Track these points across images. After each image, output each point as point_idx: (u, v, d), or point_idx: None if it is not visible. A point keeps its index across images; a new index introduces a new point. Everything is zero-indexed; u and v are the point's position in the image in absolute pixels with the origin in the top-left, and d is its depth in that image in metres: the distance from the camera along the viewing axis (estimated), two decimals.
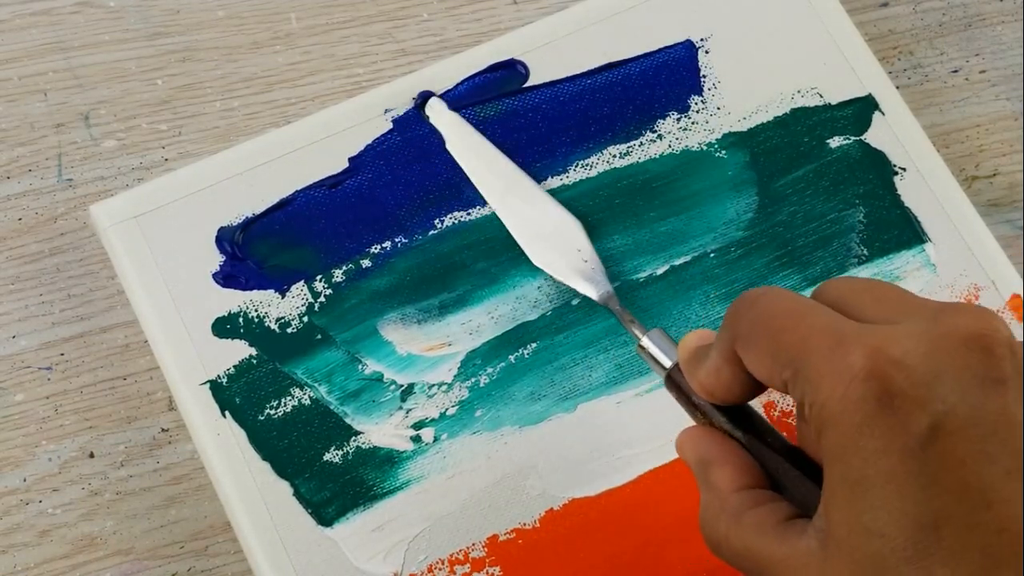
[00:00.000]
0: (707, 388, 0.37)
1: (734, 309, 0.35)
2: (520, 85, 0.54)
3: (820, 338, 0.32)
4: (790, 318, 0.33)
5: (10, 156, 0.55)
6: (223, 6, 0.59)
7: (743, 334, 0.34)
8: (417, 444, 0.49)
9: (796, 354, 0.32)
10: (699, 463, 0.37)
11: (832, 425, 0.31)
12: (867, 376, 0.30)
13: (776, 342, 0.33)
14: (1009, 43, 0.63)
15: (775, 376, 0.33)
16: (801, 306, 0.34)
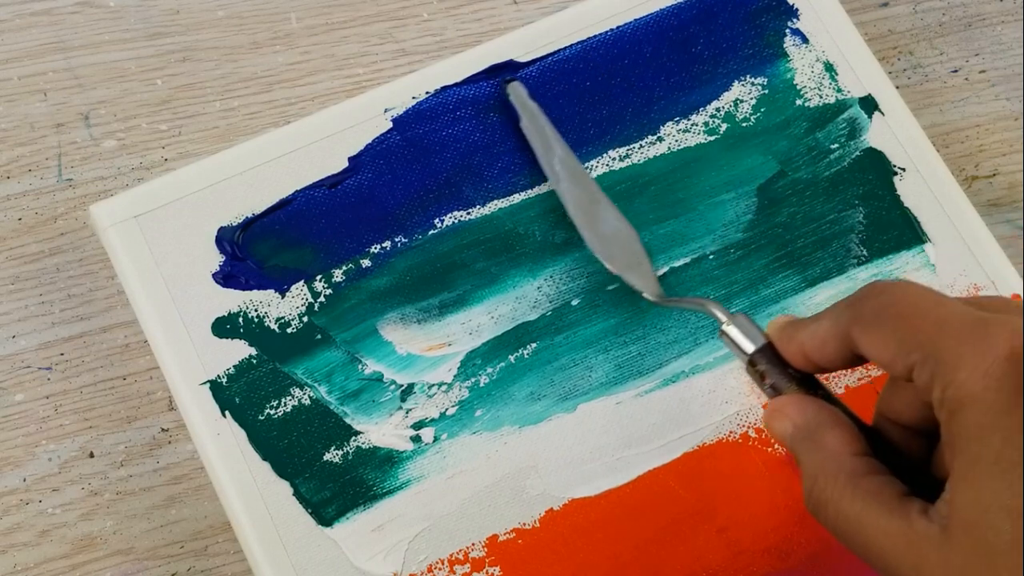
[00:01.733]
0: (807, 351, 0.37)
1: (861, 293, 0.36)
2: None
3: (960, 322, 0.32)
4: (925, 304, 0.34)
5: (10, 156, 0.55)
6: (223, 6, 0.59)
7: (867, 317, 0.35)
8: (417, 444, 0.49)
9: (930, 337, 0.33)
10: (806, 427, 0.37)
11: (971, 405, 0.31)
12: (1011, 357, 0.31)
13: (908, 325, 0.34)
14: (1009, 43, 0.63)
15: (898, 360, 0.34)
16: (934, 295, 0.34)
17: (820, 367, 0.38)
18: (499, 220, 0.52)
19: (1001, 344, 0.31)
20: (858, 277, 0.53)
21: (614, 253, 0.49)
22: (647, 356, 0.51)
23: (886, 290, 0.35)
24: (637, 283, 0.49)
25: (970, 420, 0.31)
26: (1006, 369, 0.31)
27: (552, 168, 0.51)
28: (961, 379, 0.32)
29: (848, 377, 0.51)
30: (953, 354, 0.32)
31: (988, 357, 0.31)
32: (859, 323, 0.35)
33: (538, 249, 0.52)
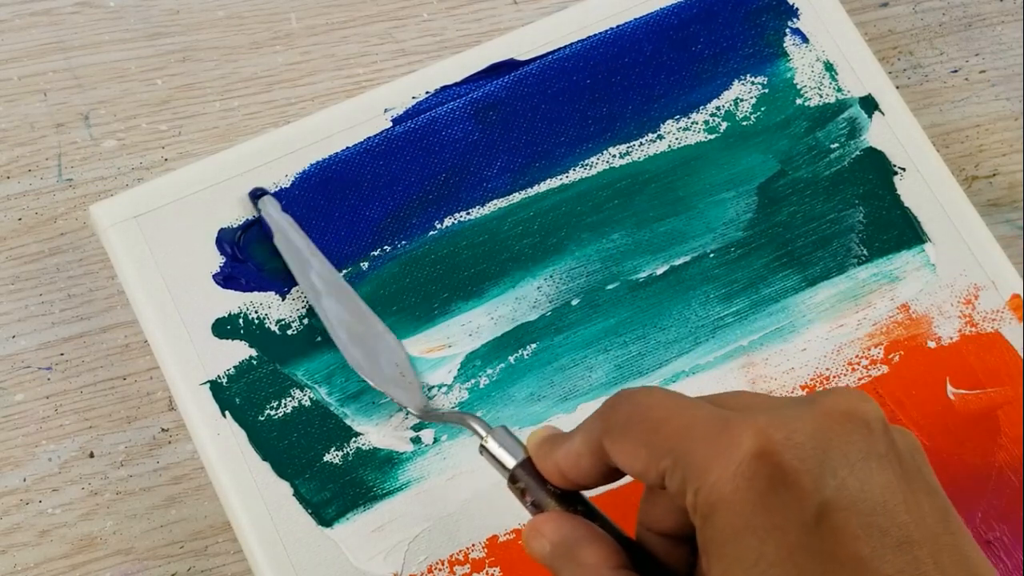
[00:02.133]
0: (563, 470, 0.36)
1: (608, 404, 0.35)
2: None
3: (705, 424, 0.32)
4: (670, 409, 0.33)
5: (10, 156, 0.55)
6: (223, 6, 0.59)
7: (617, 426, 0.34)
8: (417, 445, 0.49)
9: (677, 442, 0.32)
10: (564, 544, 0.36)
11: (723, 507, 0.31)
12: (758, 455, 0.31)
13: (655, 433, 0.33)
14: (1009, 43, 0.63)
15: (650, 468, 0.33)
16: (680, 399, 0.34)
17: (579, 484, 0.37)
18: (499, 220, 0.52)
19: (746, 443, 0.31)
20: (858, 276, 0.53)
21: (378, 367, 0.48)
22: (647, 356, 0.51)
23: (631, 398, 0.35)
24: (401, 398, 0.48)
25: (724, 522, 0.31)
26: (754, 468, 0.30)
27: (310, 284, 0.49)
28: (711, 482, 0.31)
29: (848, 377, 0.51)
30: (701, 457, 0.31)
31: (735, 457, 0.31)
32: (609, 435, 0.35)
33: (538, 249, 0.51)
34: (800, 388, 0.51)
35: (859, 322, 0.52)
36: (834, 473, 0.30)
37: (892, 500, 0.30)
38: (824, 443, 0.31)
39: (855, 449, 0.31)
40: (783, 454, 0.31)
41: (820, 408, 0.32)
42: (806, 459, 0.31)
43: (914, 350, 0.52)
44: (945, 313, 0.53)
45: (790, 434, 0.31)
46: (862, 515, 0.30)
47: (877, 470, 0.31)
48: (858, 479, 0.30)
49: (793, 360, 0.51)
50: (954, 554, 0.31)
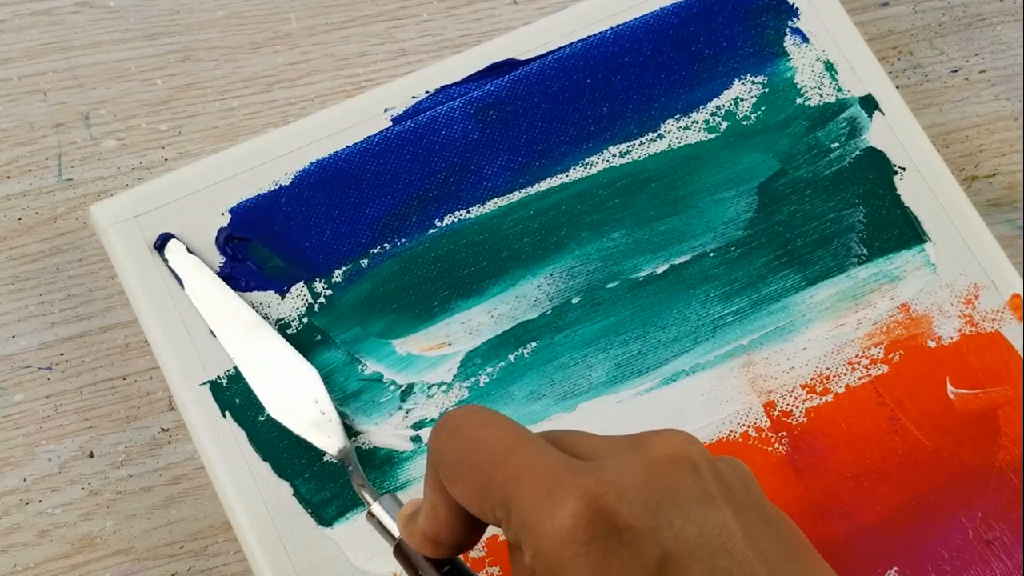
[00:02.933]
0: (428, 534, 0.35)
1: (435, 436, 0.34)
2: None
3: (532, 479, 0.31)
4: (498, 452, 0.32)
5: (10, 156, 0.55)
6: (223, 6, 0.59)
7: (448, 466, 0.33)
8: (417, 444, 0.49)
9: (508, 495, 0.31)
10: None
11: (561, 571, 0.30)
12: (591, 517, 0.30)
13: (486, 478, 0.32)
14: (1009, 43, 0.63)
15: (487, 512, 0.32)
16: (507, 436, 0.33)
17: (453, 543, 0.35)
18: (499, 218, 0.52)
19: (578, 506, 0.30)
20: (858, 276, 0.53)
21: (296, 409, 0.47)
22: (647, 355, 0.51)
23: (459, 432, 0.33)
24: (318, 441, 0.47)
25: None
26: (589, 532, 0.30)
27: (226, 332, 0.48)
28: (546, 547, 0.30)
29: (848, 376, 0.51)
30: (533, 518, 0.30)
31: (568, 521, 0.30)
32: (445, 478, 0.33)
33: (538, 247, 0.51)
34: (800, 387, 0.51)
35: (859, 321, 0.52)
36: (670, 523, 0.30)
37: (731, 539, 0.30)
38: (655, 493, 0.30)
39: (687, 495, 0.30)
40: (616, 513, 0.30)
41: (646, 457, 0.31)
42: (639, 514, 0.30)
43: (914, 350, 0.52)
44: (945, 313, 0.52)
45: (621, 491, 0.30)
46: (704, 559, 0.30)
47: (711, 511, 0.30)
48: (694, 524, 0.30)
49: (793, 359, 0.51)
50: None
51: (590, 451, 0.32)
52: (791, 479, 0.49)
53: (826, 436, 0.50)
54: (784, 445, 0.50)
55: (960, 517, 0.50)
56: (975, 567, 0.49)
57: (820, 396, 0.51)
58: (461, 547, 0.36)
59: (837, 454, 0.50)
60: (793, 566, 0.31)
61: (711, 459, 0.32)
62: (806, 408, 0.50)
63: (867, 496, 0.50)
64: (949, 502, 0.50)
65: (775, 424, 0.50)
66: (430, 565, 0.37)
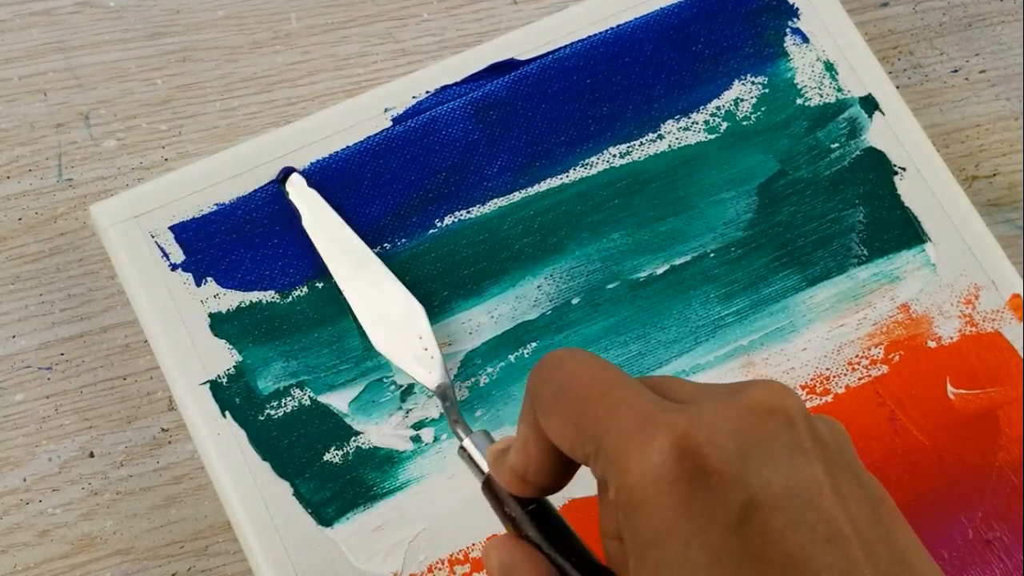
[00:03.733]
0: (517, 471, 0.36)
1: (536, 371, 0.34)
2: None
3: (625, 415, 0.31)
4: (594, 388, 0.32)
5: (10, 156, 0.55)
6: (223, 6, 0.59)
7: (545, 400, 0.33)
8: (417, 444, 0.49)
9: (600, 430, 0.31)
10: (502, 570, 0.37)
11: (645, 509, 0.30)
12: (678, 456, 0.30)
13: (579, 412, 0.32)
14: (1009, 43, 0.63)
15: (578, 448, 0.32)
16: (607, 375, 0.33)
17: (540, 484, 0.36)
18: (499, 219, 0.52)
19: (667, 444, 0.30)
20: (858, 276, 0.53)
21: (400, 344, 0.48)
22: (647, 355, 0.51)
23: (560, 367, 0.34)
24: (420, 376, 0.48)
25: (646, 525, 0.30)
26: (675, 470, 0.29)
27: (338, 265, 0.50)
28: (632, 482, 0.30)
29: (848, 377, 0.51)
30: (621, 453, 0.30)
31: (654, 458, 0.30)
32: (541, 411, 0.34)
33: (538, 248, 0.51)
34: (800, 388, 0.51)
35: (859, 322, 0.52)
36: (758, 472, 0.30)
37: (819, 495, 0.30)
38: (746, 441, 0.30)
39: (778, 445, 0.30)
40: (705, 455, 0.30)
41: (742, 404, 0.31)
42: (728, 459, 0.30)
43: (914, 350, 0.52)
44: (945, 313, 0.53)
45: (711, 434, 0.30)
46: (788, 512, 0.29)
47: (802, 465, 0.30)
48: (783, 476, 0.30)
49: (793, 360, 0.51)
50: (887, 545, 0.30)
51: (686, 395, 0.33)
52: None
53: None
54: None
55: (960, 517, 0.50)
56: (975, 567, 0.49)
57: (820, 396, 0.51)
58: (549, 487, 0.36)
59: None
60: (880, 530, 0.30)
61: (808, 414, 0.32)
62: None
63: None
64: (949, 502, 0.50)
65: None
66: (516, 502, 0.38)
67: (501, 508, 0.38)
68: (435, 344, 0.49)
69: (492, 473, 0.38)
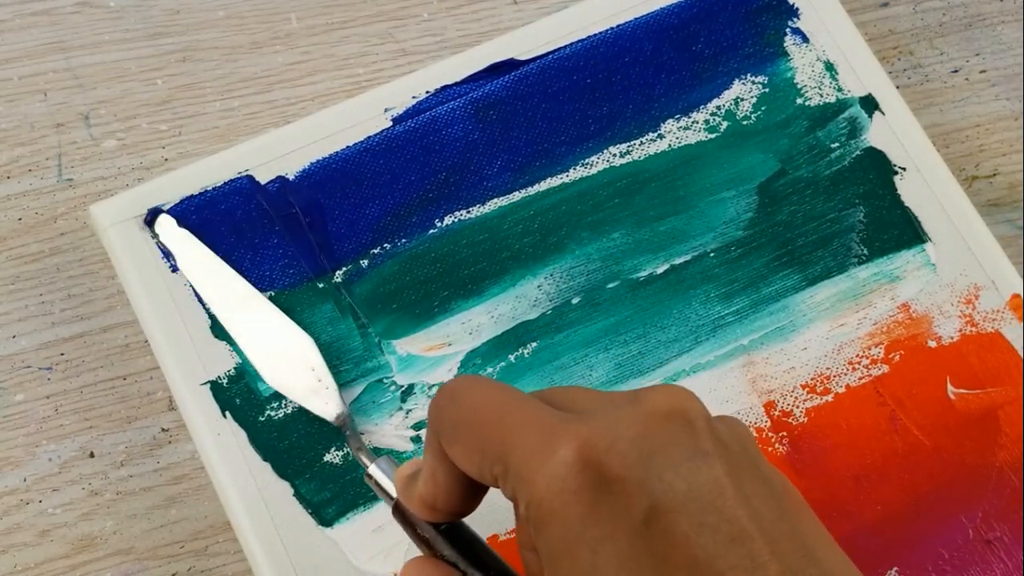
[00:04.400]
0: (427, 500, 0.36)
1: (435, 403, 0.35)
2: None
3: (527, 432, 0.31)
4: (494, 411, 0.33)
5: (10, 156, 0.55)
6: (223, 6, 0.59)
7: (447, 429, 0.34)
8: (417, 444, 0.49)
9: (504, 449, 0.32)
10: None
11: (553, 520, 0.30)
12: (582, 466, 0.30)
13: (481, 436, 0.32)
14: (1009, 43, 0.63)
15: (485, 471, 0.33)
16: (503, 397, 0.33)
17: (450, 510, 0.36)
18: (499, 219, 0.52)
19: (569, 454, 0.30)
20: (859, 276, 0.53)
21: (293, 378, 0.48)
22: (647, 355, 0.51)
23: (456, 398, 0.34)
24: (317, 408, 0.48)
25: (555, 536, 0.30)
26: (579, 480, 0.30)
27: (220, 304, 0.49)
28: (539, 496, 0.30)
29: (848, 376, 0.51)
30: (525, 468, 0.31)
31: (558, 471, 0.30)
32: (444, 436, 0.34)
33: (538, 248, 0.51)
34: (800, 387, 0.51)
35: (859, 321, 0.52)
36: (660, 476, 0.30)
37: (721, 496, 0.30)
38: (648, 447, 0.30)
39: (679, 449, 0.30)
40: (606, 463, 0.30)
41: (642, 410, 0.31)
42: (630, 465, 0.30)
43: (914, 350, 0.52)
44: (945, 313, 0.53)
45: (612, 441, 0.30)
46: (692, 515, 0.29)
47: (703, 467, 0.30)
48: (684, 480, 0.30)
49: (794, 359, 0.51)
50: (792, 540, 0.30)
51: (586, 405, 0.33)
52: (791, 479, 0.49)
53: (826, 436, 0.50)
54: (784, 445, 0.50)
55: (960, 517, 0.50)
56: (975, 567, 0.49)
57: (820, 396, 0.51)
58: (458, 513, 0.36)
59: (837, 454, 0.50)
60: (785, 525, 0.30)
61: (708, 416, 0.32)
62: (806, 408, 0.50)
63: (867, 496, 0.50)
64: (949, 502, 0.50)
65: (775, 424, 0.50)
66: (428, 524, 0.38)
67: (414, 531, 0.38)
68: (328, 374, 0.48)
69: (401, 500, 0.38)
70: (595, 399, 0.33)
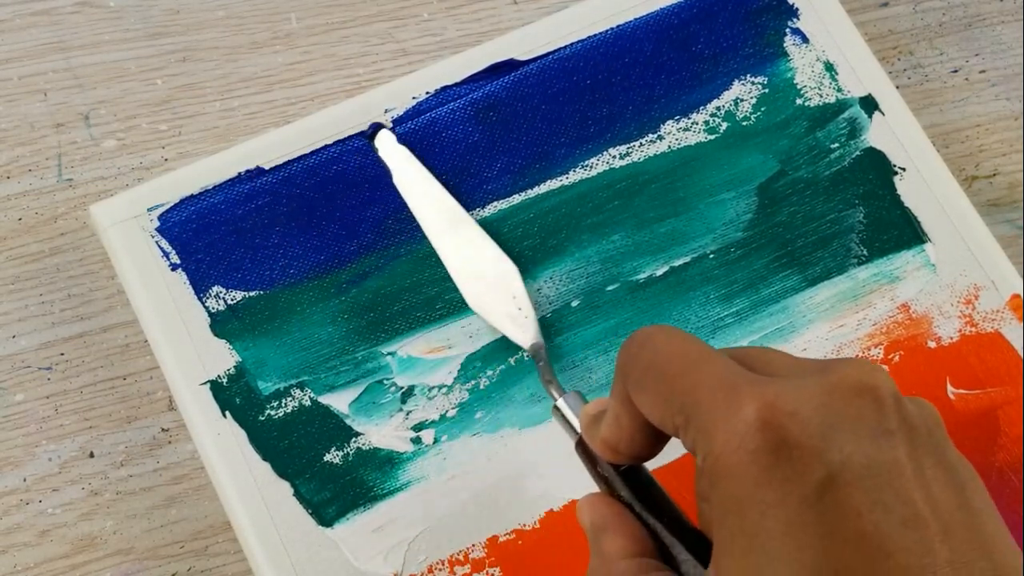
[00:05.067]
0: (609, 443, 0.36)
1: (625, 349, 0.35)
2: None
3: (713, 387, 0.32)
4: (683, 362, 0.33)
5: (10, 156, 0.55)
6: (223, 6, 0.59)
7: (635, 376, 0.34)
8: (417, 445, 0.49)
9: (688, 401, 0.32)
10: (593, 529, 0.37)
11: (727, 477, 0.30)
12: (762, 427, 0.30)
13: (668, 386, 0.33)
14: (1009, 43, 0.63)
15: (667, 420, 0.33)
16: (694, 350, 0.33)
17: (633, 454, 0.37)
18: (499, 221, 0.52)
19: (752, 414, 0.30)
20: (858, 276, 0.53)
21: (493, 302, 0.49)
22: None
23: (649, 344, 0.34)
24: (512, 335, 0.49)
25: (727, 492, 0.30)
26: (758, 440, 0.30)
27: (429, 223, 0.51)
28: (717, 450, 0.31)
29: None
30: (708, 422, 0.31)
31: (739, 428, 0.30)
32: (631, 383, 0.34)
33: (538, 250, 0.51)
34: None
35: (859, 322, 0.52)
36: (840, 448, 0.30)
37: (899, 476, 0.30)
38: (831, 417, 0.30)
39: (864, 424, 0.30)
40: (788, 427, 0.30)
41: (830, 380, 0.31)
42: (811, 434, 0.30)
43: (914, 350, 0.52)
44: (945, 313, 0.53)
45: (797, 407, 0.30)
46: (867, 491, 0.29)
47: (886, 446, 0.30)
48: (865, 455, 0.30)
49: None
50: (968, 532, 0.30)
51: (776, 368, 0.33)
52: None
53: None
54: None
55: None
56: None
57: None
58: (640, 457, 0.37)
59: None
60: (962, 515, 0.30)
61: (898, 395, 0.32)
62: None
63: None
64: None
65: None
66: (608, 464, 0.39)
67: (594, 468, 0.39)
68: (529, 304, 0.49)
69: (585, 439, 0.39)
70: (787, 363, 0.33)
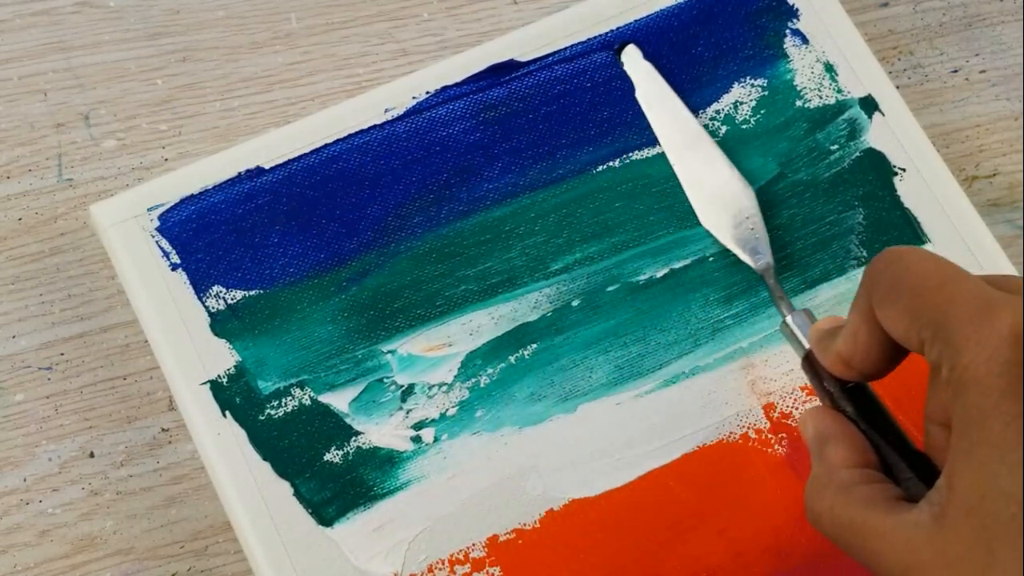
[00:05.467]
0: (843, 355, 0.37)
1: (875, 265, 0.36)
2: None
3: (967, 301, 0.32)
4: (935, 277, 0.33)
5: (10, 156, 0.55)
6: (223, 6, 0.59)
7: (883, 290, 0.35)
8: (417, 444, 0.49)
9: (939, 315, 0.32)
10: (817, 438, 0.38)
11: (973, 388, 0.31)
12: (1015, 341, 0.31)
13: (919, 300, 0.33)
14: (1009, 43, 0.63)
15: (912, 335, 0.33)
16: (948, 266, 0.34)
17: (864, 369, 0.37)
18: (500, 221, 0.52)
19: (1006, 327, 0.31)
20: (858, 278, 0.53)
21: (726, 221, 0.51)
22: (647, 357, 0.51)
23: (901, 260, 0.35)
24: (742, 254, 0.50)
25: (972, 403, 0.31)
26: (1009, 354, 0.30)
27: (669, 139, 0.52)
28: (965, 362, 0.31)
29: None
30: (959, 335, 0.31)
31: (992, 340, 0.31)
32: (876, 300, 0.35)
33: (539, 250, 0.51)
34: (800, 389, 0.51)
35: None
36: None
37: None
38: None
39: None
40: None
41: None
42: None
43: None
44: None
45: None
46: None
47: None
48: None
49: (793, 362, 0.51)
50: None
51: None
52: (791, 480, 0.49)
53: None
54: (784, 447, 0.50)
55: None
56: None
57: None
58: (872, 374, 0.37)
59: None
60: None
61: None
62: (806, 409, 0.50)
63: None
64: None
65: (775, 426, 0.50)
66: (835, 380, 0.39)
67: (820, 383, 0.40)
68: (762, 224, 0.50)
69: (815, 353, 0.40)
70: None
